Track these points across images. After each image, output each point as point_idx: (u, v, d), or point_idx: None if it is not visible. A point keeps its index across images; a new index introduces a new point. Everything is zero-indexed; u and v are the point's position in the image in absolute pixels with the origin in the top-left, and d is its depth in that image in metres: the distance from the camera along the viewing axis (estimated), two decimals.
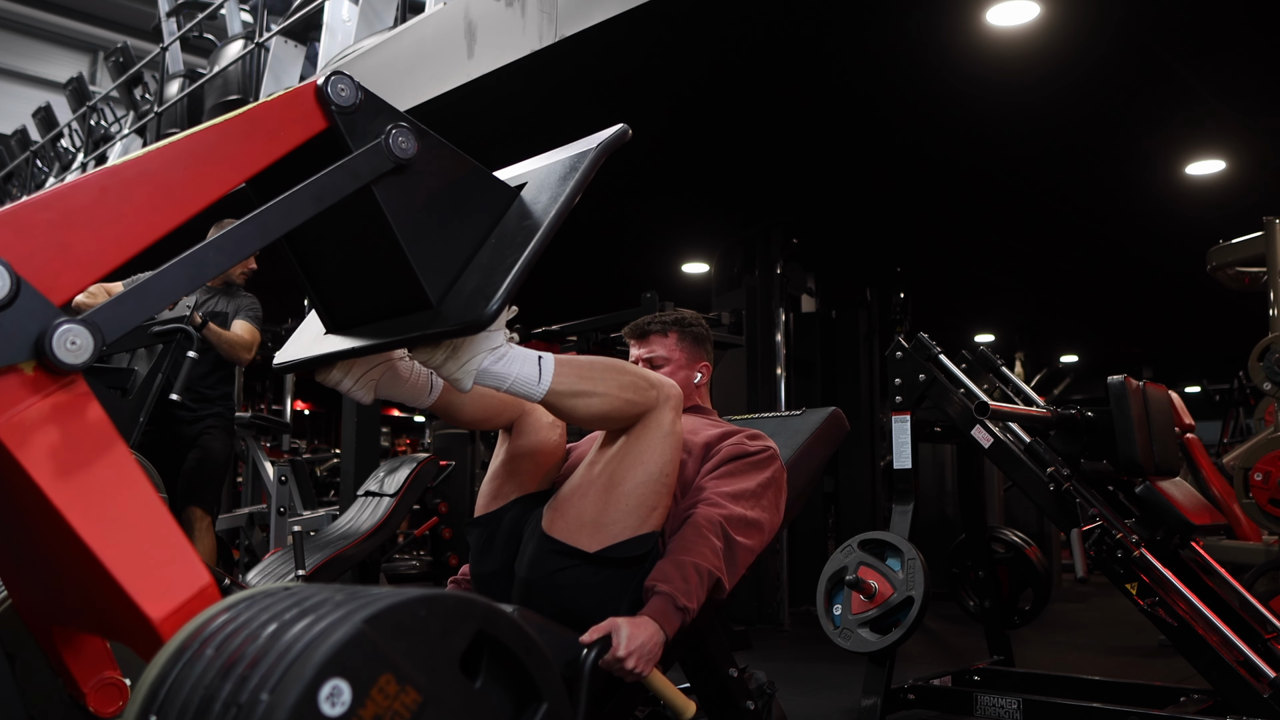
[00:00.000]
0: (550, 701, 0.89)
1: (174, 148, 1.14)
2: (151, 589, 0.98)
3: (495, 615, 0.86)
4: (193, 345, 3.65)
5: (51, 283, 1.01)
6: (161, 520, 1.02)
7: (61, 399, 0.99)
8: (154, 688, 0.85)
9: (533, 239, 1.32)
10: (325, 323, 1.53)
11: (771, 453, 1.94)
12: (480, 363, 1.43)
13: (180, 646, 0.87)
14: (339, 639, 0.76)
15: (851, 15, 3.65)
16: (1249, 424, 7.86)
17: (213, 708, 0.78)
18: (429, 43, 4.40)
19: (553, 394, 1.52)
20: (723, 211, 6.01)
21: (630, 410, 1.64)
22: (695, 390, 2.16)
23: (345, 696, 0.75)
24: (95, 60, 15.12)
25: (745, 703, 2.00)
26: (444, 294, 1.33)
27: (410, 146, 1.29)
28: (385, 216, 1.28)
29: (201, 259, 1.11)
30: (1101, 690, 2.97)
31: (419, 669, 0.79)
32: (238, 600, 0.91)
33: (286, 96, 1.25)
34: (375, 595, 0.82)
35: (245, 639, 0.82)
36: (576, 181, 1.39)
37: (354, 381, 1.56)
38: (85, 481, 0.98)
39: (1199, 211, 5.73)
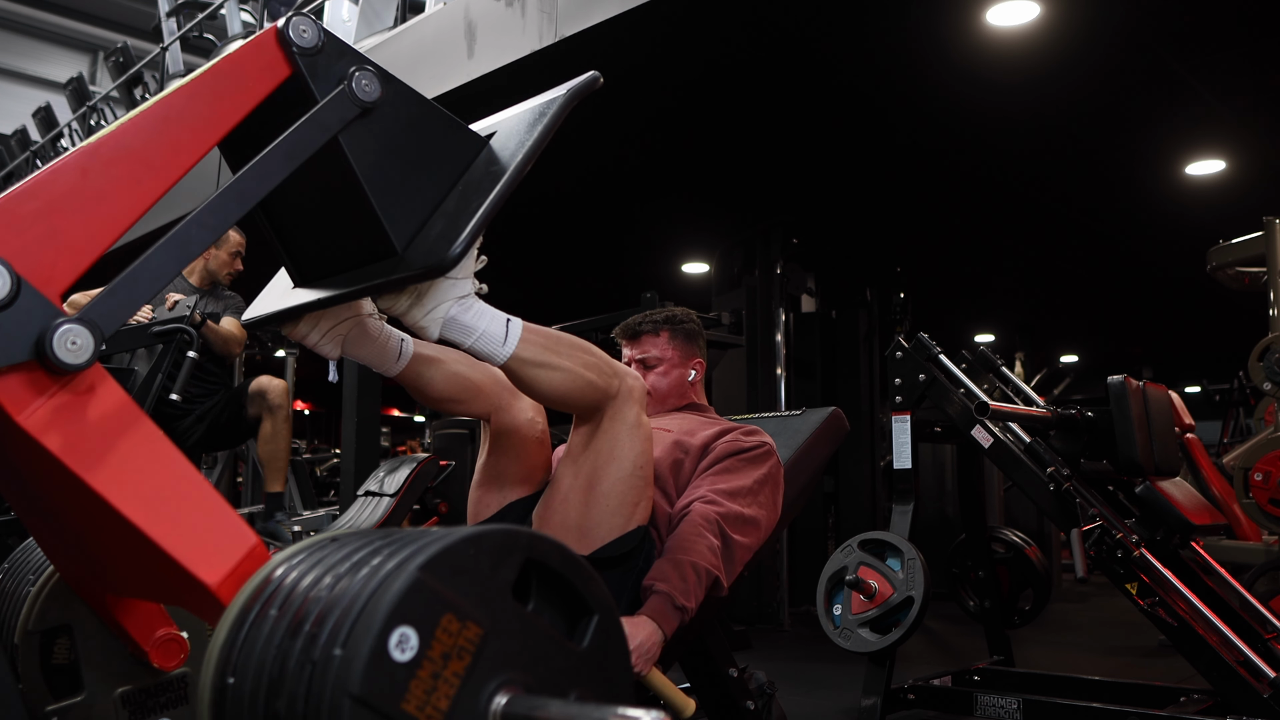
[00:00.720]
0: (600, 613, 0.94)
1: (146, 117, 1.13)
2: (203, 556, 1.00)
3: (539, 542, 0.91)
4: (193, 345, 3.65)
5: (48, 273, 1.01)
6: (199, 487, 1.04)
7: (81, 385, 1.00)
8: (225, 651, 0.88)
9: (498, 183, 1.32)
10: (293, 276, 1.51)
11: (767, 448, 1.93)
12: (447, 310, 1.40)
13: (243, 609, 0.90)
14: (399, 589, 0.80)
15: (851, 15, 3.65)
16: (1249, 424, 7.86)
17: (288, 666, 0.82)
18: (429, 43, 4.40)
19: (516, 359, 1.48)
20: (723, 211, 6.01)
21: (591, 393, 1.59)
22: (690, 387, 2.15)
23: (413, 641, 0.80)
24: (95, 60, 15.12)
25: (745, 703, 2.00)
26: (409, 241, 1.32)
27: (375, 89, 1.27)
28: (350, 163, 1.27)
29: (185, 237, 1.09)
30: (1101, 690, 2.97)
31: (476, 604, 0.84)
32: (289, 557, 0.94)
33: (249, 45, 1.22)
34: (423, 541, 0.86)
35: (306, 597, 0.86)
36: (544, 127, 1.36)
37: (321, 335, 1.51)
38: (119, 462, 1.00)
39: (1199, 211, 5.73)
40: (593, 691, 0.92)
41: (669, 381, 2.12)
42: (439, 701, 0.81)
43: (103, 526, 1.07)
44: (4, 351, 0.95)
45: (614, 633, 0.95)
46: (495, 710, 0.84)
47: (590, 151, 4.98)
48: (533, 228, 6.28)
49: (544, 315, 4.36)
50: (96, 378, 1.02)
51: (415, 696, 0.80)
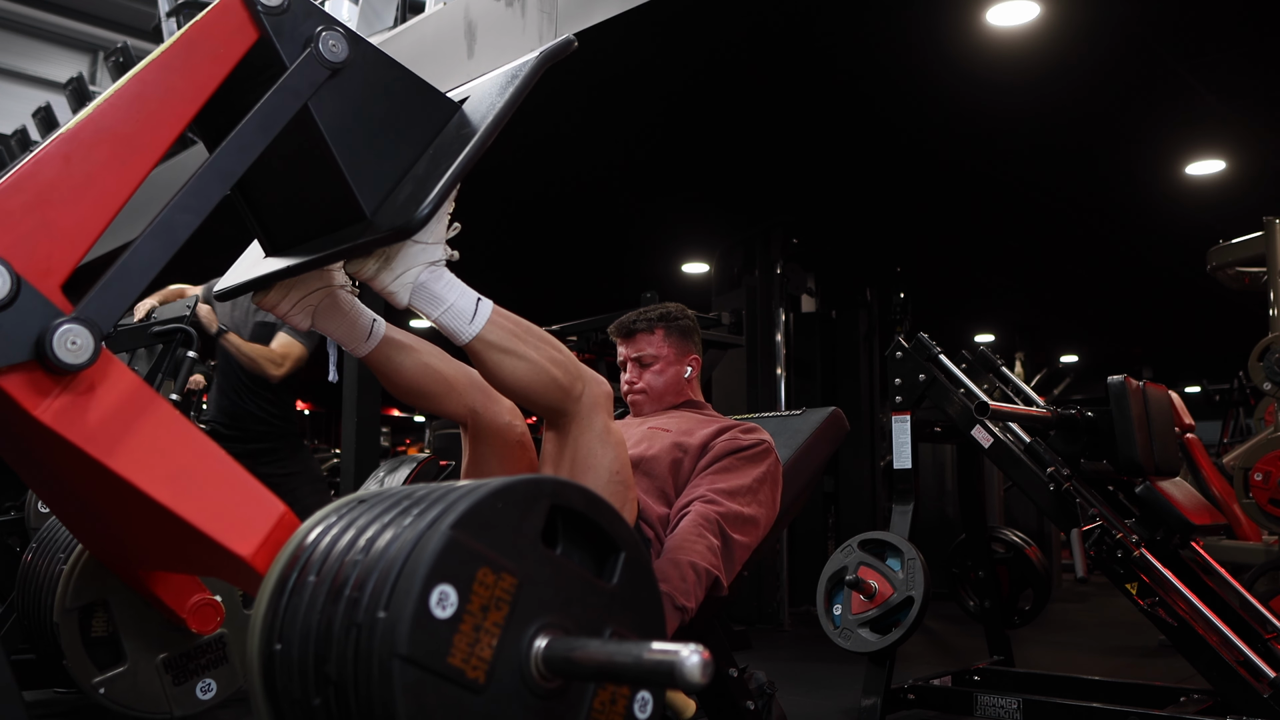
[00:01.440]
0: (627, 550, 0.97)
1: (121, 95, 1.12)
2: (234, 528, 1.02)
3: (563, 488, 0.94)
4: (193, 345, 3.64)
5: (45, 265, 1.01)
6: (221, 461, 1.05)
7: (94, 375, 1.01)
8: (269, 619, 0.91)
9: (467, 145, 1.30)
10: (265, 246, 1.49)
11: (766, 446, 1.93)
12: (416, 276, 1.37)
13: (281, 576, 0.93)
14: (435, 549, 0.82)
15: (851, 15, 3.65)
16: (1249, 424, 7.85)
17: (333, 631, 0.85)
18: (429, 42, 4.40)
19: (481, 341, 1.44)
20: (723, 211, 6.01)
21: (553, 391, 1.52)
22: (686, 384, 2.14)
23: (452, 598, 0.83)
24: (95, 60, 15.11)
25: (745, 703, 2.00)
26: (378, 205, 1.31)
27: (342, 49, 1.26)
28: (318, 126, 1.25)
29: (170, 223, 1.09)
30: (1101, 690, 2.97)
31: (508, 555, 0.87)
32: (319, 522, 0.97)
33: (215, 10, 1.21)
34: (449, 498, 0.88)
35: (343, 561, 0.89)
36: (515, 89, 1.35)
37: (292, 305, 1.48)
38: (139, 444, 1.01)
39: (1199, 211, 5.73)
40: (627, 626, 0.95)
41: (665, 379, 2.11)
42: (482, 652, 0.84)
43: (130, 508, 1.09)
44: (4, 352, 0.95)
45: (642, 567, 0.98)
46: (536, 654, 0.86)
47: (590, 151, 4.98)
48: (533, 228, 6.28)
49: (545, 315, 4.39)
50: (107, 364, 1.02)
51: (460, 650, 0.82)
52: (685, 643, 0.80)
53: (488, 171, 5.20)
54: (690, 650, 0.78)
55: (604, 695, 0.92)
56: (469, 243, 1.55)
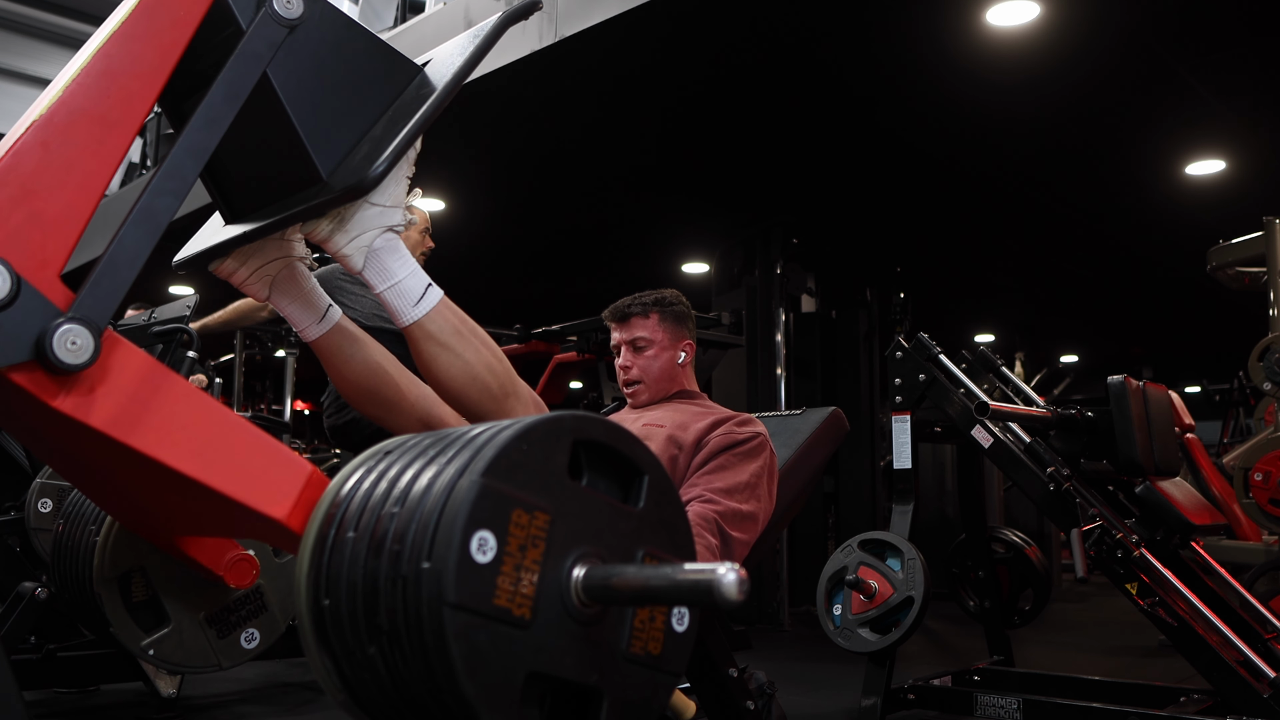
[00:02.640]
0: (650, 473, 0.99)
1: (88, 74, 1.10)
2: (266, 492, 1.04)
3: (582, 421, 0.96)
4: (194, 345, 3.64)
5: (41, 256, 1.01)
6: (244, 429, 1.06)
7: (105, 358, 1.01)
8: (313, 575, 0.94)
9: (425, 104, 1.29)
10: (224, 214, 1.46)
11: (761, 439, 1.93)
12: (372, 240, 1.35)
13: (319, 535, 0.95)
14: (469, 498, 0.85)
15: (851, 15, 3.65)
16: (1249, 424, 7.85)
17: (379, 584, 0.88)
18: (429, 42, 4.39)
19: (420, 327, 1.41)
20: (723, 211, 6.01)
21: (483, 399, 1.46)
22: (680, 370, 2.14)
23: (491, 543, 0.85)
24: None
25: (745, 703, 2.00)
26: (335, 167, 1.29)
27: (297, 5, 1.23)
28: (273, 85, 1.23)
29: (150, 208, 1.07)
30: (1101, 690, 2.97)
31: (539, 493, 0.89)
32: (348, 477, 0.99)
33: None
34: (474, 445, 0.90)
35: (379, 515, 0.91)
36: (476, 48, 1.34)
37: (250, 273, 1.45)
38: (161, 421, 1.02)
39: (1199, 211, 5.73)
40: (657, 545, 0.98)
41: (660, 365, 2.11)
42: (525, 589, 0.87)
43: (159, 483, 1.10)
44: (4, 352, 0.95)
45: (665, 487, 1.01)
46: (576, 584, 0.89)
47: (590, 151, 4.98)
48: (533, 227, 6.28)
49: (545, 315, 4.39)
50: (114, 345, 1.02)
51: (504, 590, 0.85)
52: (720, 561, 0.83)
53: (489, 172, 5.21)
54: (726, 568, 0.80)
55: (643, 614, 0.96)
56: (470, 242, 1.54)
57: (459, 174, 5.02)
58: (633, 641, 0.95)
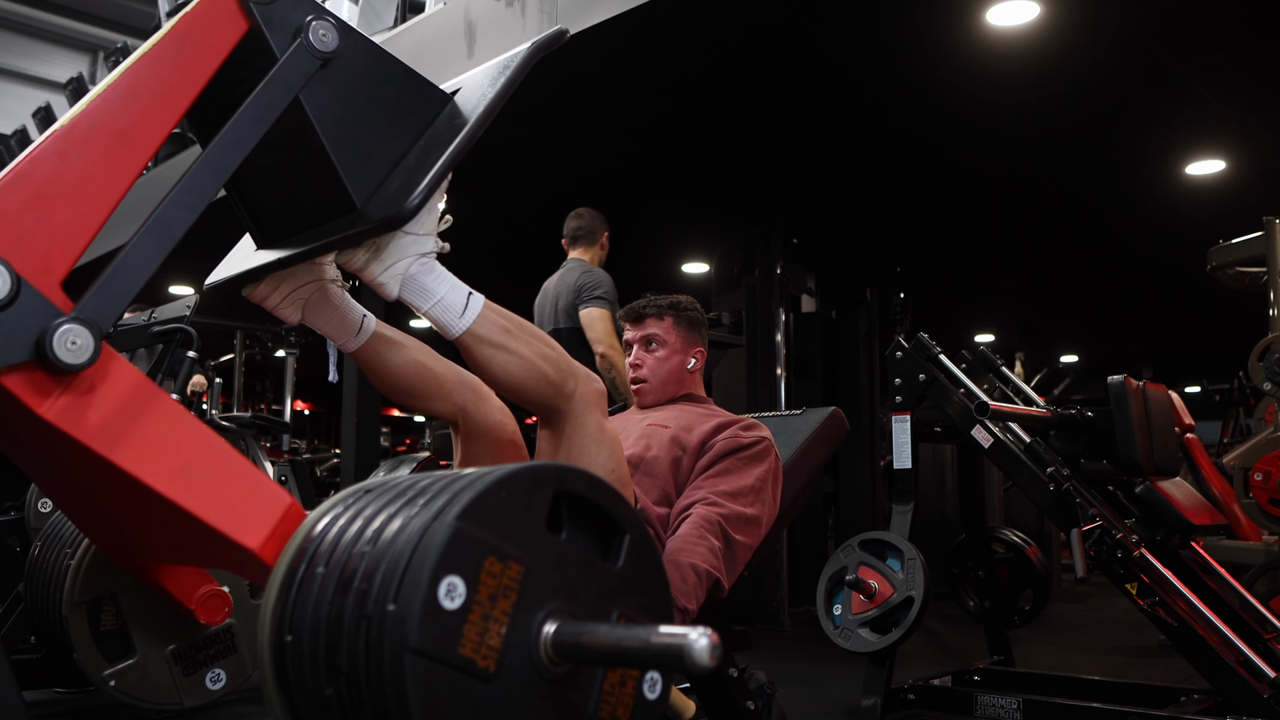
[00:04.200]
0: (631, 532, 0.97)
1: (113, 91, 1.11)
2: (241, 521, 1.02)
3: (565, 472, 0.94)
4: (193, 345, 3.63)
5: (45, 263, 1.01)
6: (227, 454, 1.05)
7: (96, 372, 1.01)
8: (278, 610, 0.92)
9: (458, 135, 1.30)
10: (256, 239, 1.48)
11: (766, 444, 1.93)
12: (407, 267, 1.36)
13: (290, 568, 0.93)
14: (441, 541, 0.82)
15: (851, 15, 3.65)
16: (1249, 424, 7.85)
17: (344, 622, 0.85)
18: (429, 42, 4.40)
19: (471, 335, 1.43)
20: (723, 211, 6.01)
21: (544, 388, 1.51)
22: (689, 375, 2.15)
23: (460, 589, 0.83)
24: (95, 60, 15.10)
25: (745, 703, 2.00)
26: (369, 196, 1.30)
27: (332, 39, 1.25)
28: (308, 116, 1.24)
29: (166, 219, 1.08)
30: (1101, 690, 2.97)
31: (514, 543, 0.87)
32: (326, 513, 0.97)
33: (205, 1, 1.21)
34: (454, 488, 0.88)
35: (351, 552, 0.89)
36: (507, 79, 1.35)
37: (282, 298, 1.48)
38: (144, 439, 1.01)
39: (1199, 211, 5.73)
40: (633, 607, 0.95)
41: (669, 366, 2.12)
42: (492, 640, 0.84)
43: (137, 503, 1.09)
44: (4, 352, 0.95)
45: (647, 549, 0.98)
46: (545, 640, 0.87)
47: (590, 151, 4.98)
48: (533, 227, 6.28)
49: None
50: (108, 360, 1.02)
51: (470, 640, 0.83)
52: (694, 626, 0.80)
53: (489, 172, 5.20)
54: (699, 634, 0.78)
55: (614, 677, 0.93)
56: (472, 242, 1.55)
57: (456, 172, 5.01)
58: (601, 705, 0.91)
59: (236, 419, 5.59)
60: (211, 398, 6.31)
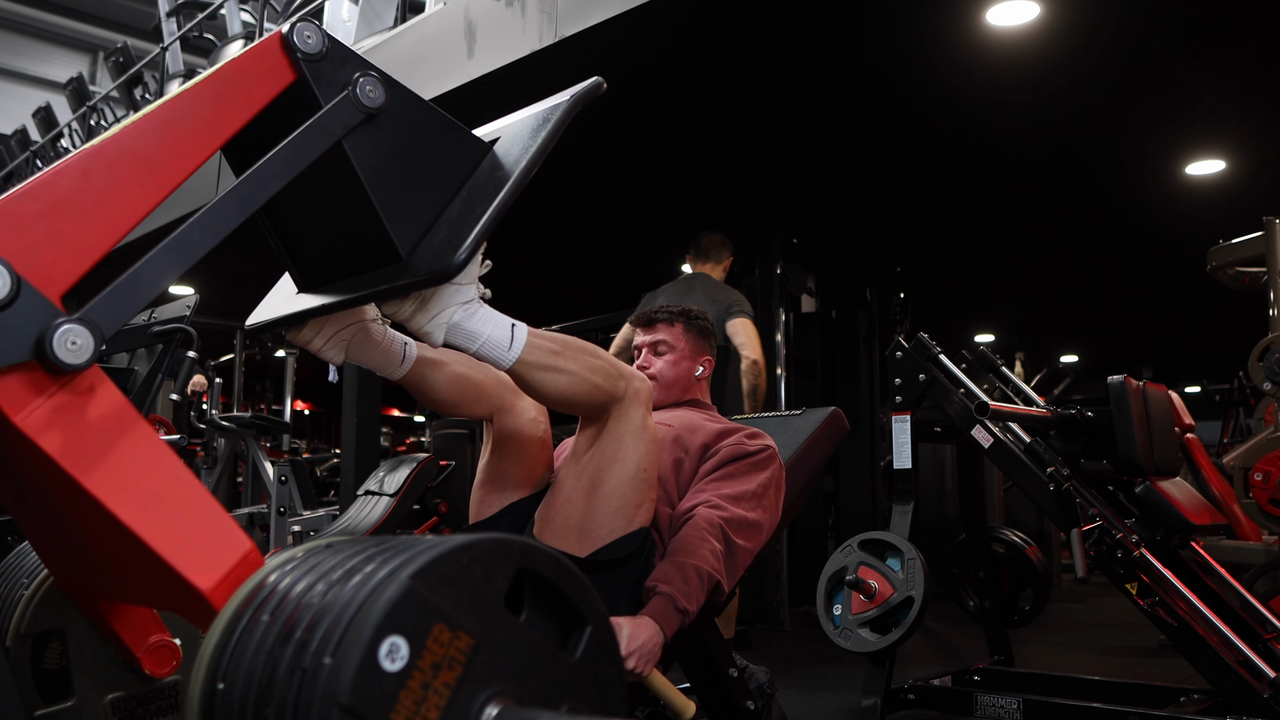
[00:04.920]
0: (593, 624, 0.93)
1: (149, 120, 1.13)
2: (196, 560, 1.00)
3: (532, 552, 0.90)
4: (193, 345, 3.63)
5: (49, 274, 1.01)
6: (195, 492, 1.03)
7: (79, 387, 1.00)
8: (216, 656, 0.88)
9: (502, 189, 1.31)
10: (297, 282, 1.50)
11: (771, 452, 1.94)
12: (451, 316, 1.40)
13: (235, 614, 0.90)
14: (390, 598, 0.79)
15: (851, 15, 3.65)
16: (1249, 424, 7.86)
17: (277, 673, 0.82)
18: (429, 43, 4.40)
19: (522, 363, 1.48)
20: (723, 211, 6.01)
21: (597, 396, 1.59)
22: (695, 383, 2.16)
23: (403, 651, 0.79)
24: (95, 60, 15.11)
25: (745, 703, 2.00)
26: (414, 247, 1.32)
27: (379, 95, 1.27)
28: (354, 168, 1.27)
29: (186, 239, 1.09)
30: (1101, 690, 2.97)
31: (468, 614, 0.83)
32: (282, 563, 0.94)
33: (254, 50, 1.22)
34: (415, 549, 0.85)
35: (298, 603, 0.86)
36: (548, 133, 1.37)
37: (325, 340, 1.52)
38: (114, 464, 1.00)
39: (1199, 211, 5.73)
40: (585, 703, 0.91)
41: (677, 371, 2.13)
42: (428, 712, 0.80)
43: (98, 529, 1.06)
44: (4, 351, 0.95)
45: (607, 644, 0.94)
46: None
47: (590, 151, 4.98)
48: (533, 228, 6.28)
49: (544, 315, 4.38)
50: (95, 380, 1.01)
51: (405, 707, 0.79)
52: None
53: None
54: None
55: None
56: None
57: None
58: None
59: (236, 419, 5.59)
60: (211, 398, 6.31)
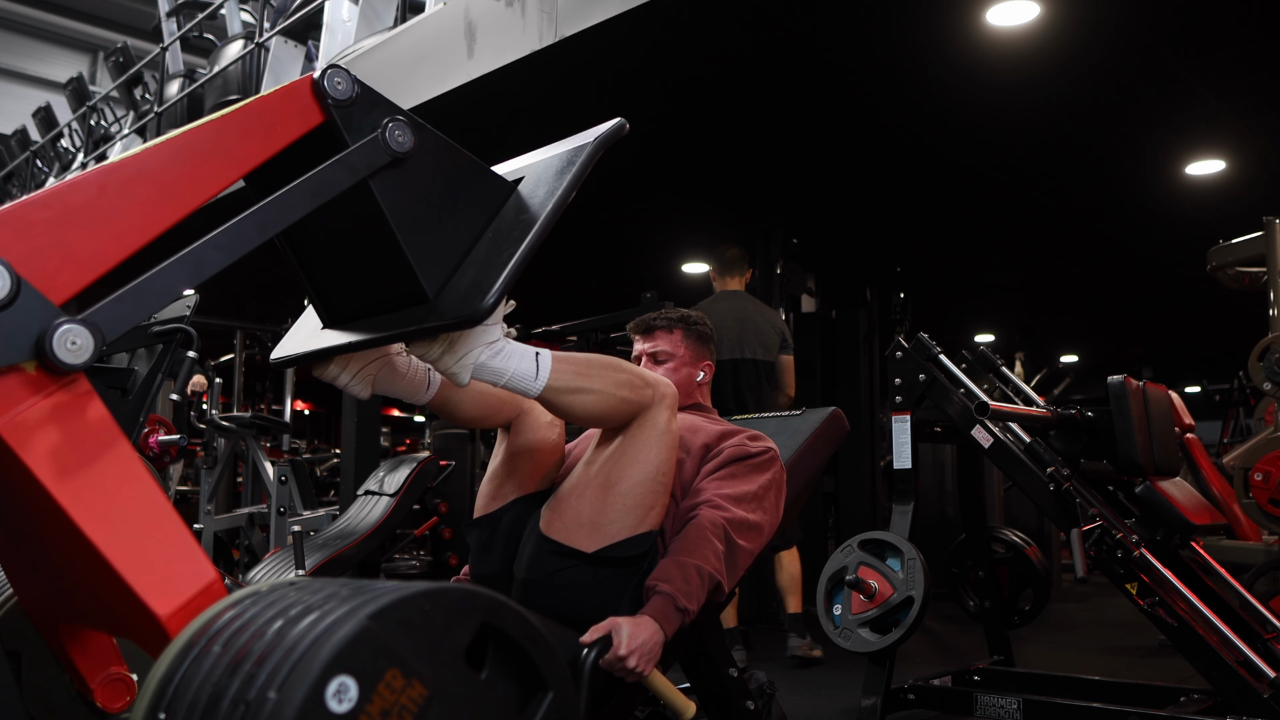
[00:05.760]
0: (556, 690, 0.90)
1: (172, 144, 1.14)
2: (157, 585, 0.98)
3: (499, 607, 0.87)
4: (193, 345, 3.63)
5: (51, 281, 1.01)
6: (166, 517, 1.02)
7: (64, 398, 1.00)
8: (162, 684, 0.86)
9: (529, 233, 1.32)
10: (323, 317, 1.52)
11: (772, 454, 1.94)
12: (477, 357, 1.42)
13: (188, 643, 0.88)
14: (344, 636, 0.77)
15: (851, 15, 3.65)
16: (1249, 424, 7.86)
17: (220, 705, 0.79)
18: (429, 43, 4.40)
19: (549, 390, 1.52)
20: (723, 211, 6.01)
21: (626, 409, 1.63)
22: (696, 388, 2.17)
23: (352, 693, 0.76)
24: (95, 60, 15.11)
25: (745, 703, 2.00)
26: (441, 288, 1.33)
27: (407, 140, 1.28)
28: (382, 210, 1.28)
29: (199, 257, 1.10)
30: (1101, 690, 2.97)
31: (424, 663, 0.80)
32: (243, 596, 0.92)
33: (284, 91, 1.25)
34: (380, 590, 0.83)
35: (251, 636, 0.83)
36: (573, 176, 1.38)
37: (351, 376, 1.56)
38: (89, 479, 0.99)
39: (1199, 211, 5.73)
40: None
41: (678, 378, 2.14)
42: None
43: (64, 545, 1.05)
44: (3, 351, 0.95)
45: (568, 711, 0.91)
46: None
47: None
48: None
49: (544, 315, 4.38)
50: (83, 392, 1.01)
51: None
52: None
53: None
54: None
55: None
56: None
57: None
58: None
59: (236, 419, 5.59)
60: (211, 398, 6.31)
